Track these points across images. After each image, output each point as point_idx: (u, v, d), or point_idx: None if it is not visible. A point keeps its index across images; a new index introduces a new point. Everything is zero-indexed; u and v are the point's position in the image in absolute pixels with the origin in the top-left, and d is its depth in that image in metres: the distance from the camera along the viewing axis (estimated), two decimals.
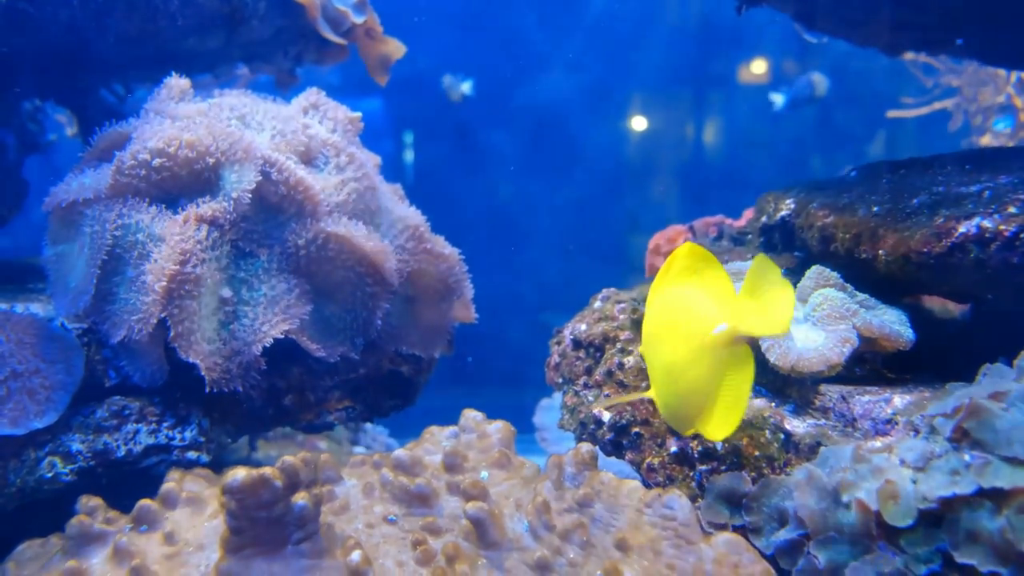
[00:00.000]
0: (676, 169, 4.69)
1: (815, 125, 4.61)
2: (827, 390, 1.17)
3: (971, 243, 1.11)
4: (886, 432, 1.09)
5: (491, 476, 1.15)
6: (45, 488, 1.27)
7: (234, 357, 1.33)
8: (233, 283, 1.37)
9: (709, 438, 1.04)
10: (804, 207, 1.47)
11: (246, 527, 0.93)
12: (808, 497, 0.99)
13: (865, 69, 4.29)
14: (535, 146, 4.56)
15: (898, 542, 0.92)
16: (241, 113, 1.49)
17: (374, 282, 1.45)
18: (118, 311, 1.30)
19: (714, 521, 1.09)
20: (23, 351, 1.28)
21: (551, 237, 4.53)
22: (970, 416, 0.93)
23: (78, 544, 1.08)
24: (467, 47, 4.52)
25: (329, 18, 2.01)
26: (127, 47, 1.79)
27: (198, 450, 1.38)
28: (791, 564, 0.99)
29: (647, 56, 4.70)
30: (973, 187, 1.21)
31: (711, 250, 1.79)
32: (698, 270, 0.99)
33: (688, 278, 0.99)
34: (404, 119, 4.51)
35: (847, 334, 1.17)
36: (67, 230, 1.40)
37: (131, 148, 1.35)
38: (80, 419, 1.31)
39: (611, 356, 1.42)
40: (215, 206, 1.32)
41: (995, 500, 0.87)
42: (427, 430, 1.28)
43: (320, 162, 1.51)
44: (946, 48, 2.16)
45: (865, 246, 1.26)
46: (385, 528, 1.08)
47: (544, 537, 1.02)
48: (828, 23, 1.98)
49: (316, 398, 1.55)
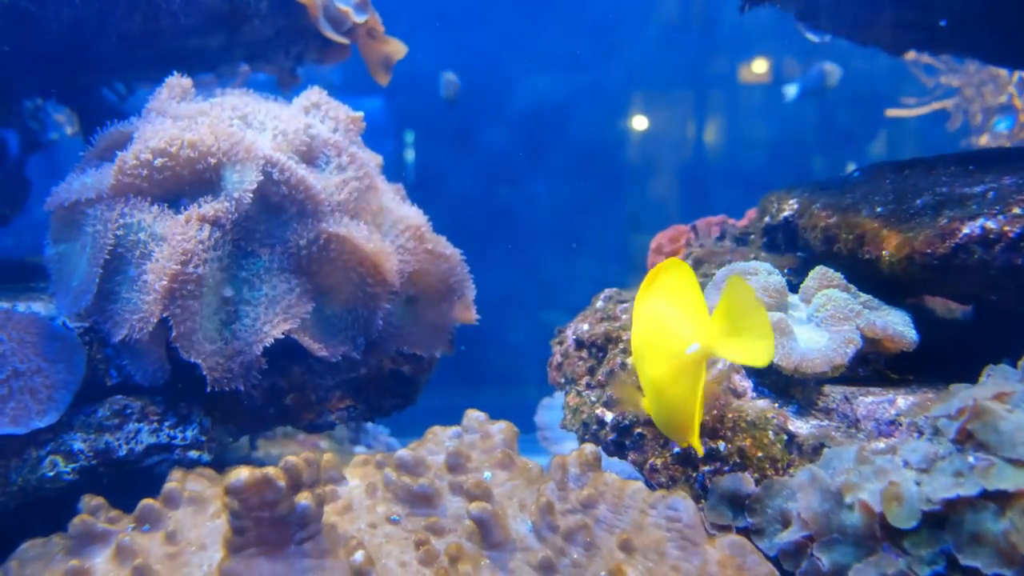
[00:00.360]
0: (677, 168, 4.69)
1: (816, 125, 4.61)
2: (830, 391, 1.17)
3: (975, 244, 1.10)
4: (890, 433, 1.09)
5: (494, 476, 1.15)
6: (47, 487, 1.27)
7: (236, 357, 1.33)
8: (235, 283, 1.36)
9: (698, 452, 1.06)
10: (807, 207, 1.47)
11: (249, 527, 0.93)
12: (812, 498, 0.99)
13: (866, 69, 4.29)
14: (536, 145, 4.56)
15: (902, 544, 0.91)
16: (243, 113, 1.49)
17: (375, 282, 1.45)
18: (120, 310, 1.30)
19: (717, 522, 1.09)
20: (25, 350, 1.28)
21: (552, 236, 4.52)
22: (974, 418, 0.93)
23: (81, 543, 1.08)
24: (468, 46, 4.51)
25: (331, 18, 2.01)
26: (129, 46, 1.79)
27: (199, 449, 1.38)
28: (794, 566, 0.99)
29: (649, 55, 4.70)
30: (977, 188, 1.21)
31: (713, 250, 1.80)
32: (676, 286, 1.00)
33: (667, 294, 1.00)
34: (405, 118, 4.50)
35: (851, 335, 1.16)
36: (69, 229, 1.39)
37: (133, 148, 1.35)
38: (82, 418, 1.31)
39: (614, 356, 1.41)
40: (217, 206, 1.32)
41: (999, 502, 0.87)
42: (430, 430, 1.28)
43: (322, 162, 1.51)
44: (948, 47, 2.16)
45: (869, 247, 1.26)
46: (388, 528, 1.08)
47: (548, 538, 1.02)
48: (831, 22, 1.98)
49: (317, 397, 1.54)
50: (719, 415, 1.19)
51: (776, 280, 1.28)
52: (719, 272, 1.38)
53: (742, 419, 1.17)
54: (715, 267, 1.53)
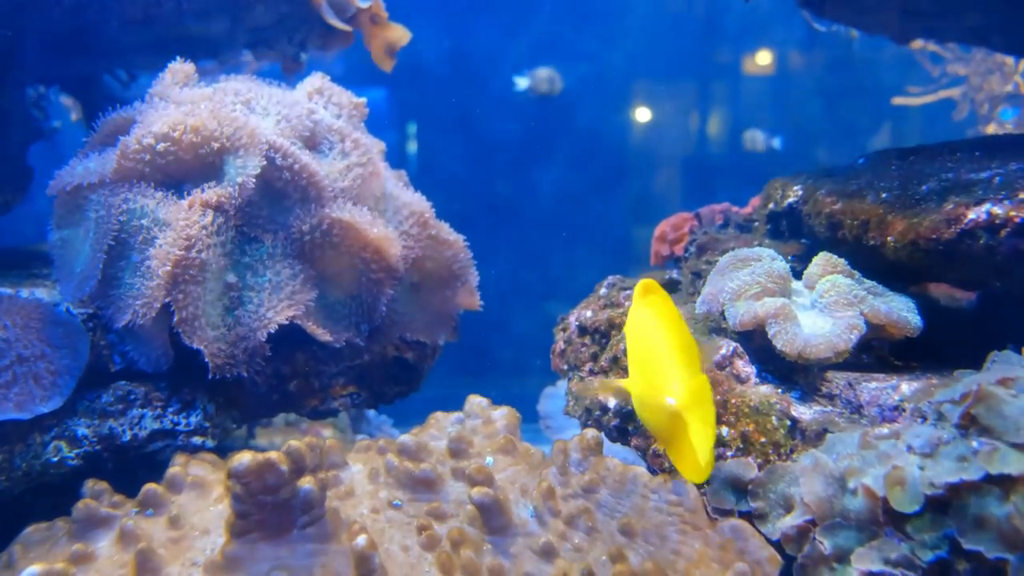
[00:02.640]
0: (680, 158, 4.67)
1: (820, 115, 4.59)
2: (834, 377, 1.17)
3: (981, 230, 1.10)
4: (893, 419, 1.09)
5: (496, 462, 1.15)
6: (51, 472, 1.27)
7: (239, 343, 1.33)
8: (238, 268, 1.36)
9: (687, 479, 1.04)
10: (812, 194, 1.47)
11: (252, 511, 0.93)
12: (814, 483, 0.99)
13: (871, 60, 4.26)
14: (540, 134, 4.54)
15: (905, 528, 0.91)
16: (246, 98, 1.48)
17: (379, 268, 1.45)
18: (123, 296, 1.30)
19: (720, 507, 1.09)
20: (29, 336, 1.28)
21: (555, 225, 4.51)
22: (978, 402, 0.92)
23: (84, 527, 1.08)
24: (472, 34, 4.50)
25: (334, 4, 2.00)
26: (131, 31, 1.78)
27: (203, 435, 1.38)
28: (797, 550, 0.99)
29: (652, 45, 4.68)
30: (983, 174, 1.20)
31: (717, 237, 1.79)
32: (667, 317, 1.00)
33: (658, 322, 1.00)
34: (408, 106, 4.49)
35: (854, 320, 1.16)
36: (72, 215, 1.39)
37: (136, 132, 1.35)
38: (86, 404, 1.31)
39: (616, 343, 1.41)
40: (220, 191, 1.32)
41: (1003, 486, 0.86)
42: (432, 416, 1.28)
43: (325, 147, 1.50)
44: (954, 35, 2.14)
45: (873, 233, 1.25)
46: (390, 513, 1.08)
47: (549, 523, 1.02)
48: (837, 10, 1.97)
49: (321, 384, 1.55)
50: (722, 400, 1.19)
51: (780, 266, 1.28)
52: (722, 259, 1.37)
53: (745, 404, 1.17)
54: (718, 254, 1.52)
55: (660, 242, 2.09)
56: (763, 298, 1.22)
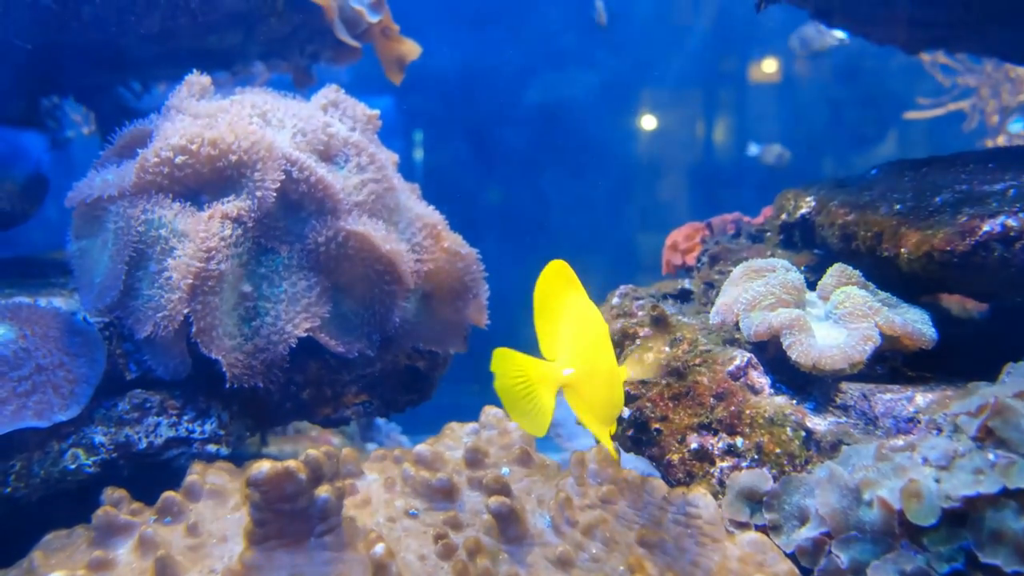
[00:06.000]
0: (689, 167, 4.68)
1: (827, 125, 4.59)
2: (848, 388, 1.17)
3: (995, 242, 1.10)
4: (908, 430, 1.09)
5: (512, 472, 1.16)
6: (68, 479, 1.28)
7: (257, 354, 1.34)
8: (254, 279, 1.37)
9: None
10: (825, 205, 1.47)
11: (270, 519, 0.94)
12: (830, 495, 0.99)
13: (878, 69, 4.27)
14: (548, 144, 4.56)
15: (921, 541, 0.91)
16: (262, 110, 1.50)
17: (392, 280, 1.46)
18: (142, 307, 1.31)
19: (735, 519, 1.09)
20: (48, 345, 1.29)
21: (564, 235, 4.52)
22: (995, 415, 0.93)
23: (104, 535, 1.09)
24: (481, 45, 4.52)
25: (346, 19, 2.02)
26: (147, 44, 1.80)
27: (218, 443, 1.39)
28: (812, 563, 0.99)
29: (662, 54, 4.70)
30: (997, 185, 1.21)
31: (729, 247, 1.79)
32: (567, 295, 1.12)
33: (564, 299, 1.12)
34: (417, 116, 4.51)
35: (869, 332, 1.16)
36: (90, 225, 1.41)
37: (154, 145, 1.36)
38: (102, 412, 1.32)
39: (630, 352, 1.42)
40: (239, 204, 1.33)
41: (1020, 500, 0.86)
42: (447, 426, 1.29)
43: (340, 159, 1.52)
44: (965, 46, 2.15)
45: (887, 244, 1.26)
46: (406, 522, 1.09)
47: (566, 533, 1.03)
48: (846, 20, 1.97)
49: (333, 393, 1.55)
50: (737, 411, 1.19)
51: (794, 277, 1.28)
52: (736, 269, 1.38)
53: (760, 415, 1.17)
54: (731, 264, 1.53)
55: (672, 251, 2.10)
56: (778, 309, 1.22)
